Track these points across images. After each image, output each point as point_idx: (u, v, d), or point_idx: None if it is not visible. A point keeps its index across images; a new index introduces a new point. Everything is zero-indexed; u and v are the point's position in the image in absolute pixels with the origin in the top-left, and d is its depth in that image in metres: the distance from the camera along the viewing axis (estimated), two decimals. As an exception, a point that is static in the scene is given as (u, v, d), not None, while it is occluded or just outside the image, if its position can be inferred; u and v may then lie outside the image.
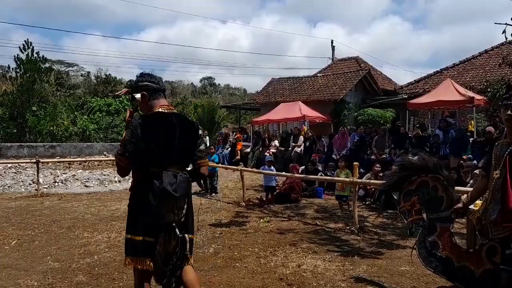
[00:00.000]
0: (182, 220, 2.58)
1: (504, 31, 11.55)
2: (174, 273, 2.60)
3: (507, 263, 2.40)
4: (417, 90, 16.77)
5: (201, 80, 54.26)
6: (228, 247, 4.90)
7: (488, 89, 12.74)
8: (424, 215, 2.94)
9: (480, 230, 2.67)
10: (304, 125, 14.36)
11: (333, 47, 27.79)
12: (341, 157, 8.32)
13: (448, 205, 2.82)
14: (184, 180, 2.51)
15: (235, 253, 4.60)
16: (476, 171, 6.84)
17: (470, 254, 2.68)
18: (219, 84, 55.50)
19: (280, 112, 15.61)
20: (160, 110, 2.64)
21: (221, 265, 4.31)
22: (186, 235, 2.60)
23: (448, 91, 11.72)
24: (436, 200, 2.84)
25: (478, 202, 3.18)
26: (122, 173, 2.68)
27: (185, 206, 2.59)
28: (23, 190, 10.25)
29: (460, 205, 2.91)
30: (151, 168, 2.52)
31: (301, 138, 12.94)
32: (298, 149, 12.63)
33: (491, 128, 9.13)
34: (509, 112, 2.46)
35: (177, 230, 2.56)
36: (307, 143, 12.40)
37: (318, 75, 21.64)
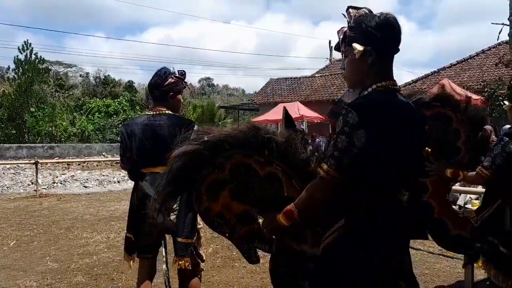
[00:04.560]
0: (175, 221, 2.57)
1: (500, 31, 11.62)
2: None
3: None
4: (414, 90, 16.82)
5: (199, 81, 54.31)
6: (227, 247, 4.91)
7: (485, 89, 12.81)
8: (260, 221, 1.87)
9: None
10: (302, 125, 14.37)
11: (331, 48, 27.84)
12: None
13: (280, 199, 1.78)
14: None
15: (234, 253, 4.61)
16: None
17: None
18: (217, 85, 55.55)
19: (279, 113, 15.62)
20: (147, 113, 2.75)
21: (220, 265, 4.32)
22: (178, 239, 2.55)
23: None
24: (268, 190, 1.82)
25: (476, 201, 3.21)
26: (128, 174, 2.85)
27: (177, 207, 2.56)
28: (22, 191, 10.25)
29: None
30: (141, 169, 2.62)
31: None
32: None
33: (488, 127, 9.16)
34: None
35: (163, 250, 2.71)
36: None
37: (316, 75, 21.67)
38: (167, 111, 2.67)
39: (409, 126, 1.55)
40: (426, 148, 2.35)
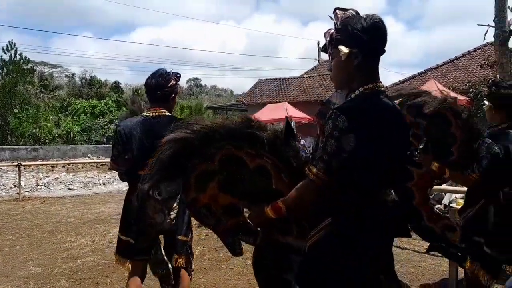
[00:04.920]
0: (174, 221, 2.59)
1: (486, 33, 11.82)
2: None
3: None
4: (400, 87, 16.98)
5: (187, 81, 54.00)
6: (214, 248, 4.87)
7: (471, 90, 12.99)
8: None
9: None
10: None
11: (319, 48, 27.96)
12: None
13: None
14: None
15: (221, 255, 4.58)
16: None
17: None
18: (205, 85, 55.34)
19: (267, 113, 15.63)
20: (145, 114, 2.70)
21: (206, 267, 4.28)
22: (178, 237, 2.59)
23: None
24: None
25: (461, 200, 3.23)
26: (119, 176, 2.86)
27: (176, 206, 2.59)
28: (4, 194, 10.03)
29: None
30: (139, 171, 2.55)
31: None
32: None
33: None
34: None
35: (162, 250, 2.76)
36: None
37: (305, 76, 21.76)
38: (167, 113, 2.66)
39: (395, 128, 1.58)
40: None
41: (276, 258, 1.81)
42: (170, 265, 2.79)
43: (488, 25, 11.39)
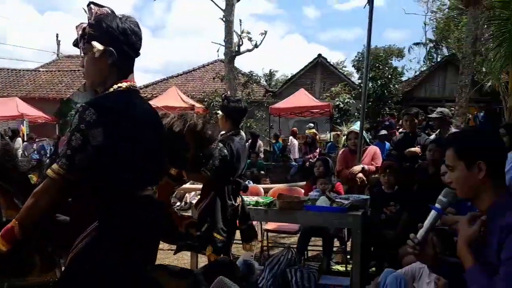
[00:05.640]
0: None
1: (218, 50, 13.81)
2: None
3: None
4: (145, 95, 17.55)
5: None
6: None
7: (205, 99, 14.90)
8: None
9: None
10: (23, 126, 12.49)
11: (58, 42, 25.41)
12: None
13: None
14: None
15: None
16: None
17: None
18: None
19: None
20: None
21: None
22: None
23: (173, 98, 12.96)
24: None
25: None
26: None
27: None
28: None
29: None
30: None
31: (19, 140, 11.18)
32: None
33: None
34: None
35: None
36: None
37: (41, 69, 19.33)
38: None
39: (149, 128, 1.60)
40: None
41: None
42: None
43: (220, 44, 13.39)
